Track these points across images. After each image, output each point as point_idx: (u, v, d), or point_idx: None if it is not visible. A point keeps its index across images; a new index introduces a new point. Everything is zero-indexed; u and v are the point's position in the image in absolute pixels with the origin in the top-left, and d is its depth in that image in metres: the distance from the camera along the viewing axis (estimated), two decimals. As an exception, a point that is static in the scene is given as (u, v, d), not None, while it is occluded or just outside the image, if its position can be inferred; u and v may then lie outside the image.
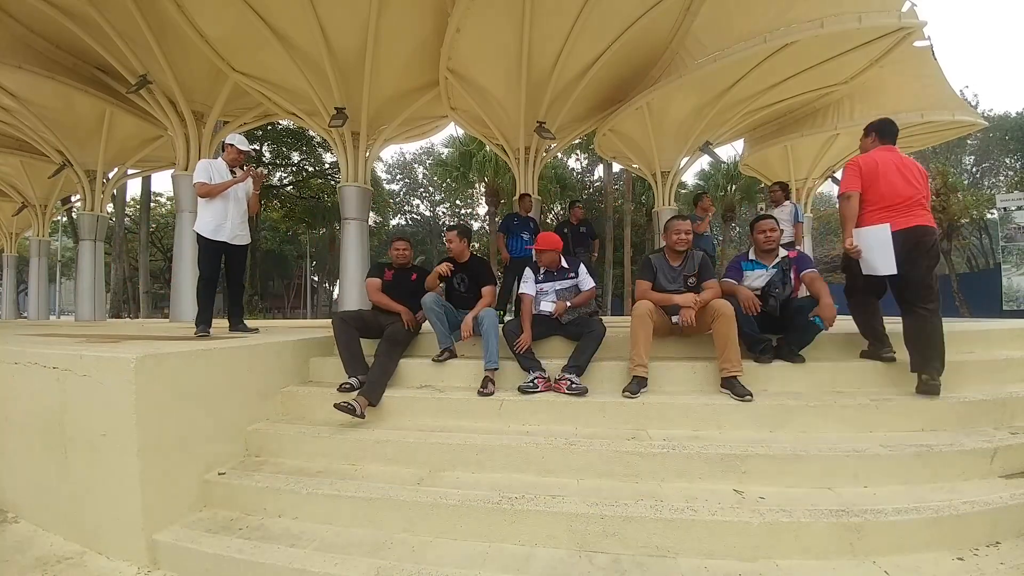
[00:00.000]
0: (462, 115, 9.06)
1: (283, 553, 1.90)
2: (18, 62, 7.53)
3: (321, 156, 26.32)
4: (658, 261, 3.17)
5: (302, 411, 2.95)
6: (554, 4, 6.12)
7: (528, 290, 3.40)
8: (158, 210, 27.18)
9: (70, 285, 12.87)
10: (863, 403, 2.51)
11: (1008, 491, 2.04)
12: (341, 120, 7.44)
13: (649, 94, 7.77)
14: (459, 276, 3.48)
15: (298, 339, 3.28)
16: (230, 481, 2.32)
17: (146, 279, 19.11)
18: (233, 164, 3.88)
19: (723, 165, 20.70)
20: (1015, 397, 2.61)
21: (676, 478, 2.21)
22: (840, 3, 5.91)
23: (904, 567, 1.75)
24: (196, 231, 3.68)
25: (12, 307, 17.83)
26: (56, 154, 10.21)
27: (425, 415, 2.82)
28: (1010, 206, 12.30)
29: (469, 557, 1.88)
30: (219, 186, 3.68)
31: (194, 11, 6.44)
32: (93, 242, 10.84)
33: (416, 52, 7.17)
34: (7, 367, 2.46)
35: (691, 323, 2.84)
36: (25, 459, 2.41)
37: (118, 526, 2.06)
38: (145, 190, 19.30)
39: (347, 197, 8.15)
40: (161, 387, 2.15)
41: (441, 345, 3.23)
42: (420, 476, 2.32)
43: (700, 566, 1.80)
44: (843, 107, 8.82)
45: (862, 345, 3.07)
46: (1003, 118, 22.80)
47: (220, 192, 3.69)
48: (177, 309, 8.01)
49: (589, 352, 2.94)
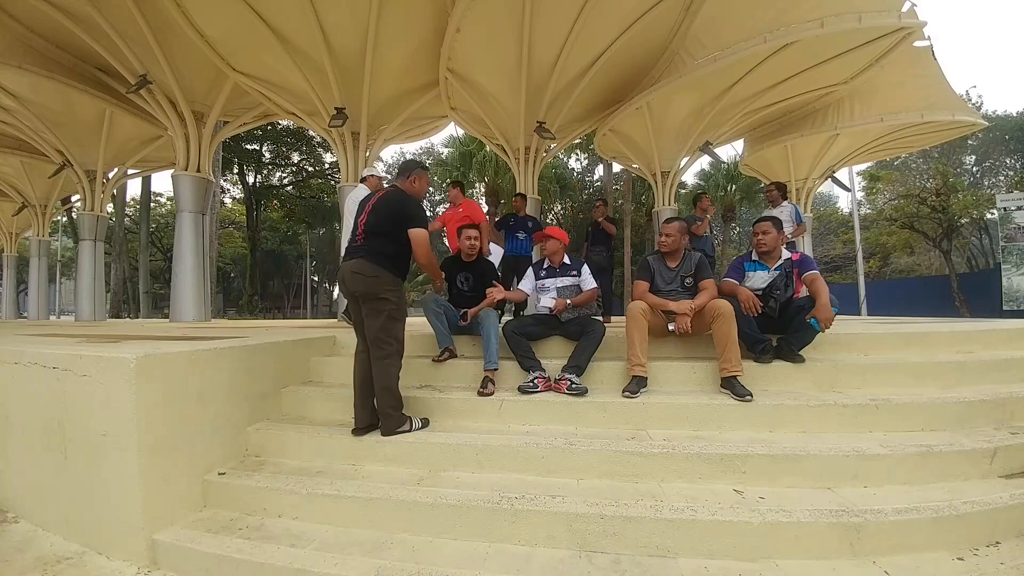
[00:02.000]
0: (462, 115, 9.06)
1: (283, 553, 1.89)
2: (18, 62, 7.54)
3: (321, 156, 26.36)
4: (655, 262, 3.19)
5: (302, 411, 2.95)
6: (554, 4, 6.12)
7: (525, 287, 3.47)
8: (158, 210, 27.21)
9: (70, 285, 12.87)
10: (863, 403, 2.51)
11: (1008, 491, 2.03)
12: (341, 120, 7.44)
13: (649, 94, 7.76)
14: (464, 275, 3.48)
15: (298, 339, 3.29)
16: (230, 481, 2.31)
17: (146, 279, 19.13)
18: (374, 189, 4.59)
19: (723, 165, 20.70)
20: (1015, 397, 2.61)
21: (676, 478, 2.21)
22: (840, 3, 5.91)
23: (904, 567, 1.75)
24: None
25: (12, 307, 17.83)
26: (56, 154, 10.22)
27: (425, 415, 2.82)
28: (1010, 206, 12.31)
29: (469, 557, 1.88)
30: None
31: (194, 11, 6.44)
32: (93, 242, 10.85)
33: (416, 52, 7.17)
34: (7, 367, 2.46)
35: (686, 331, 2.85)
36: (25, 459, 2.41)
37: (118, 526, 2.06)
38: (145, 190, 19.31)
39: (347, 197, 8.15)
40: (161, 387, 2.15)
41: (441, 345, 3.23)
42: (420, 476, 2.32)
43: (700, 566, 1.80)
44: (843, 107, 8.82)
45: (862, 345, 3.08)
46: (1003, 118, 22.79)
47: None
48: (177, 309, 8.00)
49: (589, 352, 2.94)
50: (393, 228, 2.56)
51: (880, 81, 7.90)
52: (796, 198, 10.84)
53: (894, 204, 18.55)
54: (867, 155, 11.01)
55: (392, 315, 2.50)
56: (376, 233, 2.55)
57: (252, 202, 26.42)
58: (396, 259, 2.57)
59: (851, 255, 20.87)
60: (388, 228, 2.56)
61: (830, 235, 28.74)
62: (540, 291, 3.41)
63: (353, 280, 2.52)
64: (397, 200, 2.60)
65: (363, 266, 2.50)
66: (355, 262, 2.53)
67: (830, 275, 24.50)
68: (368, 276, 2.49)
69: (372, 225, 2.57)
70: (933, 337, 3.32)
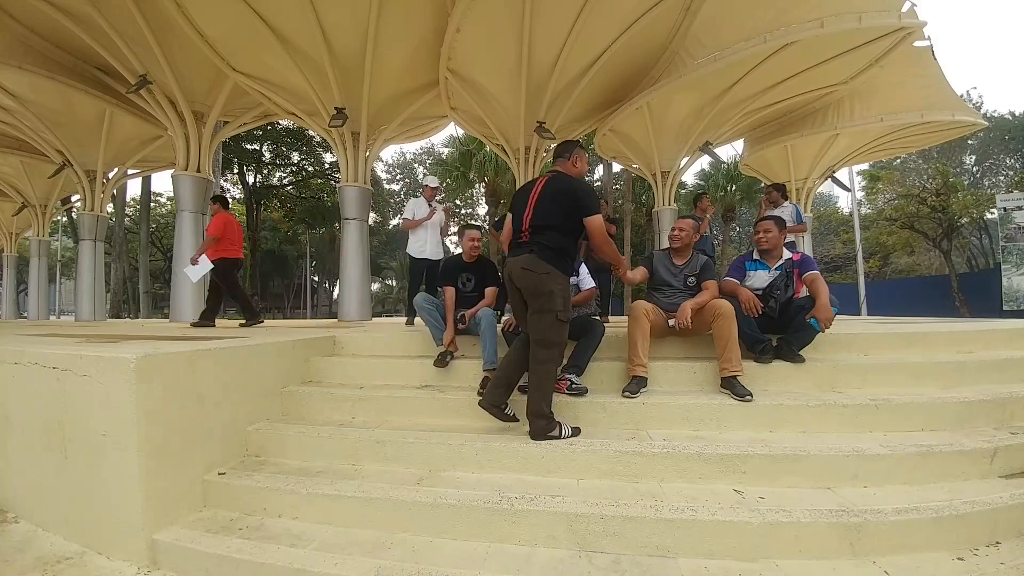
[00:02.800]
0: (462, 115, 9.05)
1: (283, 553, 1.90)
2: (18, 62, 7.52)
3: (321, 156, 26.35)
4: (660, 257, 3.22)
5: (302, 411, 2.95)
6: (554, 4, 6.11)
7: None
8: (158, 210, 27.21)
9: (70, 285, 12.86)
10: (863, 403, 2.51)
11: (1008, 491, 2.04)
12: (341, 120, 7.43)
13: (649, 94, 7.75)
14: (466, 275, 3.49)
15: (298, 339, 3.28)
16: (230, 481, 2.31)
17: (146, 279, 19.12)
18: (430, 198, 5.35)
19: (723, 165, 20.71)
20: (1015, 397, 2.61)
21: (676, 478, 2.21)
22: (840, 3, 5.91)
23: (904, 567, 1.75)
24: (408, 253, 5.32)
25: (12, 307, 17.82)
26: (56, 154, 10.20)
27: (425, 415, 2.82)
28: (1010, 206, 12.31)
29: (469, 557, 1.88)
30: (417, 221, 5.17)
31: (194, 11, 6.44)
32: (93, 242, 10.83)
33: (416, 52, 7.16)
34: (7, 367, 2.46)
35: (687, 325, 2.85)
36: (25, 459, 2.41)
37: (118, 526, 2.06)
38: (145, 190, 19.30)
39: (347, 197, 8.14)
40: (161, 387, 2.15)
41: (437, 342, 3.25)
42: (420, 476, 2.32)
43: (700, 566, 1.80)
44: (843, 107, 8.81)
45: (862, 345, 3.08)
46: (1004, 118, 22.80)
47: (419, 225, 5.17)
48: (177, 309, 7.99)
49: (589, 352, 2.94)
50: (564, 220, 2.42)
51: (880, 81, 7.89)
52: (796, 198, 10.84)
53: (894, 204, 18.54)
54: (867, 155, 10.99)
55: (559, 317, 2.38)
56: (545, 227, 2.42)
57: (252, 202, 26.44)
58: (565, 255, 2.46)
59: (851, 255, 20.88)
60: (559, 220, 2.42)
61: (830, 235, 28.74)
62: None
63: (523, 276, 2.41)
64: (566, 189, 2.46)
65: (534, 262, 2.39)
66: (525, 258, 2.42)
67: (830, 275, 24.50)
68: (540, 273, 2.38)
69: (540, 218, 2.44)
70: (933, 337, 3.32)
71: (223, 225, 5.36)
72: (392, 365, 3.30)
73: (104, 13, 6.69)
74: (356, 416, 2.87)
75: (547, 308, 2.38)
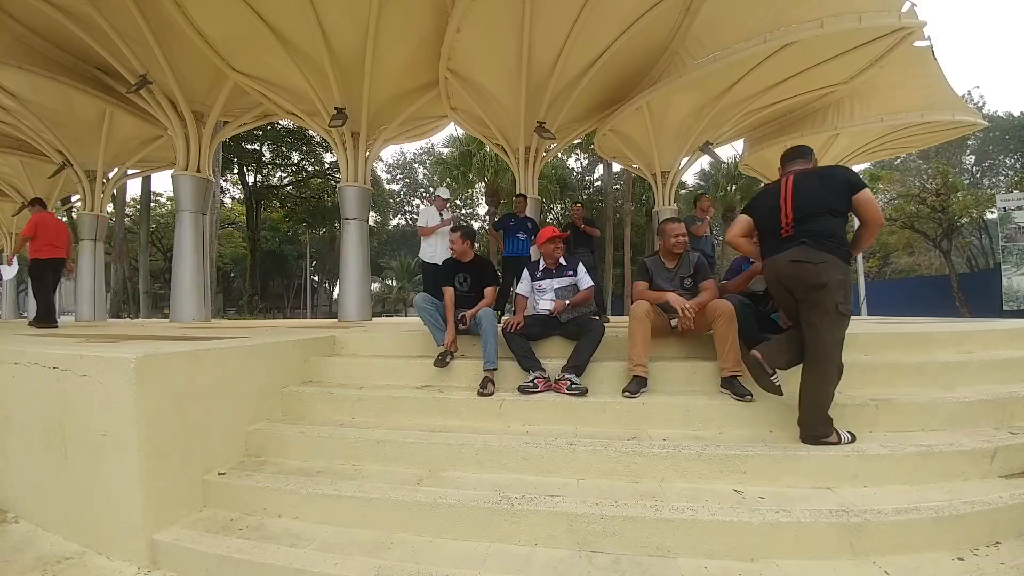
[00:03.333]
0: (462, 115, 9.05)
1: (283, 553, 1.90)
2: (18, 62, 7.51)
3: (321, 156, 26.33)
4: (653, 264, 3.19)
5: (302, 411, 2.95)
6: (554, 4, 6.11)
7: (522, 291, 3.49)
8: (158, 210, 27.19)
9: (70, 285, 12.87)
10: (862, 403, 2.52)
11: (1008, 491, 2.04)
12: (341, 120, 7.43)
13: (649, 94, 7.75)
14: (461, 275, 3.50)
15: (298, 339, 3.29)
16: (230, 481, 2.31)
17: (146, 279, 19.11)
18: (441, 208, 5.68)
19: (723, 165, 20.67)
20: (1015, 397, 2.61)
21: (676, 478, 2.21)
22: (840, 3, 5.91)
23: (904, 567, 1.75)
24: (420, 257, 5.64)
25: (12, 307, 17.82)
26: (56, 154, 10.20)
27: (425, 415, 2.82)
28: (1010, 206, 12.31)
29: (469, 557, 1.88)
30: (432, 228, 5.47)
31: (194, 11, 6.44)
32: (93, 242, 10.83)
33: (416, 52, 7.16)
34: (7, 367, 2.46)
35: (689, 327, 2.85)
36: (25, 459, 2.41)
37: (118, 526, 2.06)
38: (145, 190, 19.30)
39: (347, 197, 8.14)
40: (161, 387, 2.15)
41: (437, 342, 3.25)
42: (420, 476, 2.32)
43: (700, 566, 1.80)
44: (843, 107, 8.80)
45: (862, 345, 3.08)
46: (1003, 118, 22.80)
47: (433, 232, 5.46)
48: (177, 309, 7.99)
49: (588, 352, 2.95)
50: (836, 200, 2.22)
51: (880, 81, 7.89)
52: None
53: (894, 204, 18.54)
54: (867, 155, 10.99)
55: (841, 310, 2.15)
56: (813, 214, 2.22)
57: (252, 202, 26.43)
58: (842, 240, 2.22)
59: (851, 255, 20.78)
60: (831, 202, 2.22)
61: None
62: (537, 292, 3.43)
63: (799, 269, 2.18)
64: (830, 171, 2.31)
65: (807, 253, 2.16)
66: (795, 250, 2.21)
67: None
68: (816, 263, 2.14)
69: (805, 206, 2.24)
70: (933, 337, 3.32)
71: (34, 226, 5.57)
72: (392, 365, 3.30)
73: (104, 13, 6.69)
74: (356, 416, 2.87)
75: (826, 302, 2.15)
